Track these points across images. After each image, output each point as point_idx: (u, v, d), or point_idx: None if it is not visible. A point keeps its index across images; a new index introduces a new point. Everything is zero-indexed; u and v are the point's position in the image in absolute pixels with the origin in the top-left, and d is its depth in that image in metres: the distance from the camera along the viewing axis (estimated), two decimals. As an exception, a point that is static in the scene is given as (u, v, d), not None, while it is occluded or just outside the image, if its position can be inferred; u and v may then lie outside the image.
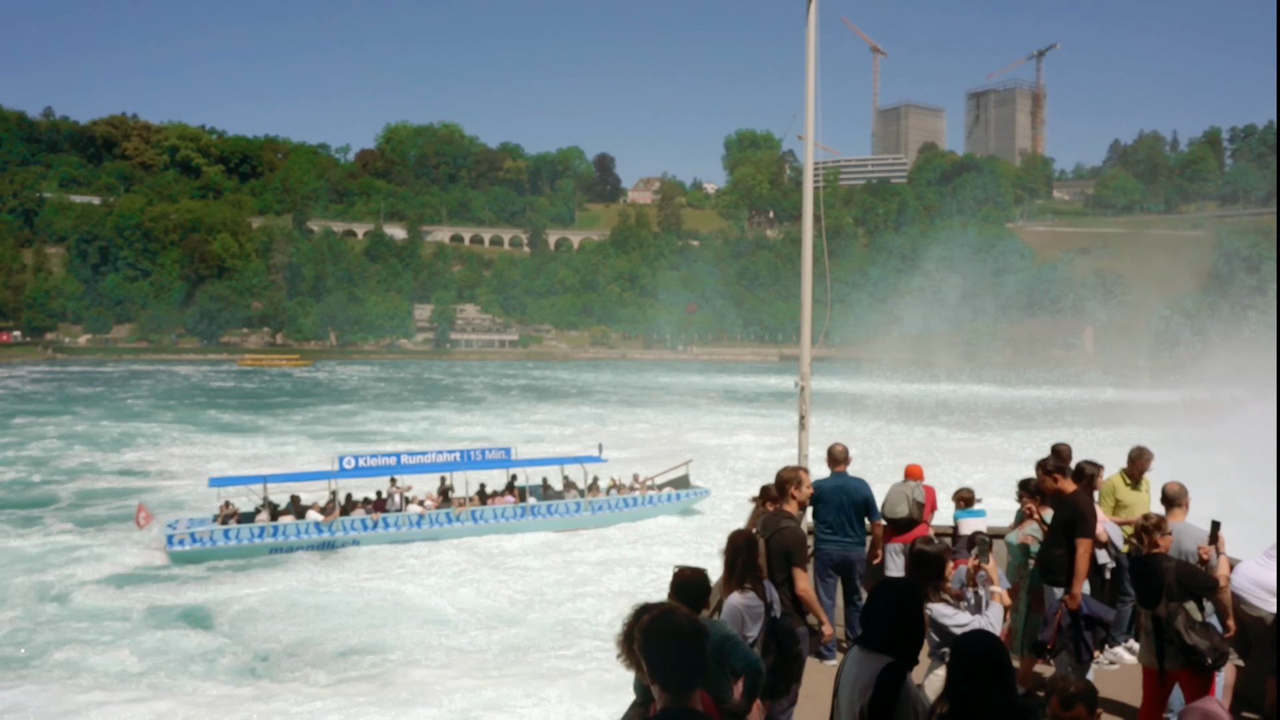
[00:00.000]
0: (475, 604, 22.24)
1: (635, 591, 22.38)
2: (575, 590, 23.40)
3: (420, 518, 28.17)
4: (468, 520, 28.59)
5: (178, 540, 25.74)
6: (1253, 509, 17.82)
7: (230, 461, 44.23)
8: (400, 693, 16.47)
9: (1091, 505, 8.28)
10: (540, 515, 29.72)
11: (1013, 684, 3.69)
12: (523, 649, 19.03)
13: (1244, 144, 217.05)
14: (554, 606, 21.95)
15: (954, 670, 3.71)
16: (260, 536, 26.50)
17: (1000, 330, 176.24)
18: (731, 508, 30.81)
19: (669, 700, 3.08)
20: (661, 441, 52.68)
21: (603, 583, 24.07)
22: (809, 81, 10.76)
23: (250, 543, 26.36)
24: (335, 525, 27.24)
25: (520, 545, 27.96)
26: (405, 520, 27.99)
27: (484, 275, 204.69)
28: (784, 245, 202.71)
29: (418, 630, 20.04)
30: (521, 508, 29.65)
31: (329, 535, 27.03)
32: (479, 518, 28.87)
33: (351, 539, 27.20)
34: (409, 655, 18.60)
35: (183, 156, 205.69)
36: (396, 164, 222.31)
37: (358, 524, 27.54)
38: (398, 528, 27.79)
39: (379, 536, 27.42)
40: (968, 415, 69.46)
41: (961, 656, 3.70)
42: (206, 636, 19.65)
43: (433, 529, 28.13)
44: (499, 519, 29.13)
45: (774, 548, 6.76)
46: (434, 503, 29.30)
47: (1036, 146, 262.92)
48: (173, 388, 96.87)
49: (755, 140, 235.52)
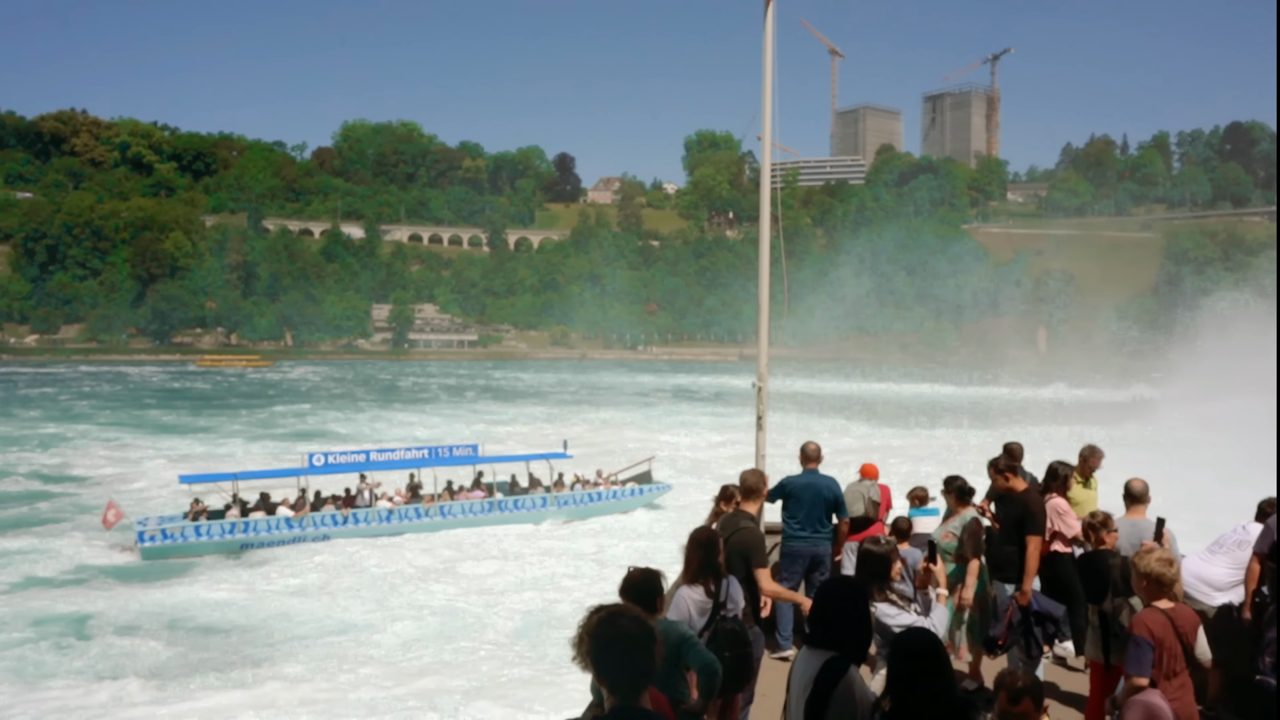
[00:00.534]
0: (430, 602, 22.12)
1: (592, 587, 22.60)
2: (538, 587, 23.47)
3: (390, 513, 28.58)
4: (436, 515, 29.05)
5: (149, 537, 25.78)
6: (1194, 504, 18.23)
7: (169, 461, 43.63)
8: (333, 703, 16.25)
9: (1042, 503, 8.42)
10: (508, 510, 30.27)
11: (952, 682, 3.75)
12: (487, 648, 18.95)
13: (1190, 148, 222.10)
14: (516, 603, 21.93)
15: (892, 668, 3.77)
16: (232, 532, 26.71)
17: (956, 330, 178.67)
18: (689, 504, 31.42)
19: (617, 702, 3.12)
20: (620, 440, 52.79)
21: (565, 579, 24.28)
22: (766, 83, 10.81)
23: (223, 538, 26.55)
24: (306, 521, 27.54)
25: (489, 539, 28.26)
26: (375, 515, 28.39)
27: (443, 275, 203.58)
28: (744, 245, 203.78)
29: (375, 632, 19.87)
30: (489, 503, 30.20)
31: (300, 530, 27.30)
32: (447, 513, 29.35)
33: (322, 534, 27.48)
34: (355, 656, 18.44)
35: (134, 153, 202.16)
36: (354, 162, 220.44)
37: (328, 519, 27.84)
38: (368, 523, 28.20)
39: (349, 531, 27.76)
40: (923, 414, 70.33)
41: (900, 655, 3.76)
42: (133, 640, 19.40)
43: (402, 524, 28.51)
44: (467, 514, 29.62)
45: (732, 548, 6.80)
46: (403, 498, 29.64)
47: (991, 149, 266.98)
48: (118, 389, 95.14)
49: (715, 141, 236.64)
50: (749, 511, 7.51)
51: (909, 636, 3.94)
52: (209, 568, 25.29)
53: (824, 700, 3.91)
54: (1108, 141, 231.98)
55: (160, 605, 21.70)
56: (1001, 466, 8.59)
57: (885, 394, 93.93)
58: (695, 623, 5.61)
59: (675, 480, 36.35)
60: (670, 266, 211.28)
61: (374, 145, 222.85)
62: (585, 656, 3.21)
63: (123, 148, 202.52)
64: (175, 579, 23.96)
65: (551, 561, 25.92)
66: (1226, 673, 7.50)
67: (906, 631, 4.27)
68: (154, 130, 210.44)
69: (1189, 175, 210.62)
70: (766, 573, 7.04)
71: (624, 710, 3.11)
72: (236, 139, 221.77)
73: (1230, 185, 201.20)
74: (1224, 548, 7.79)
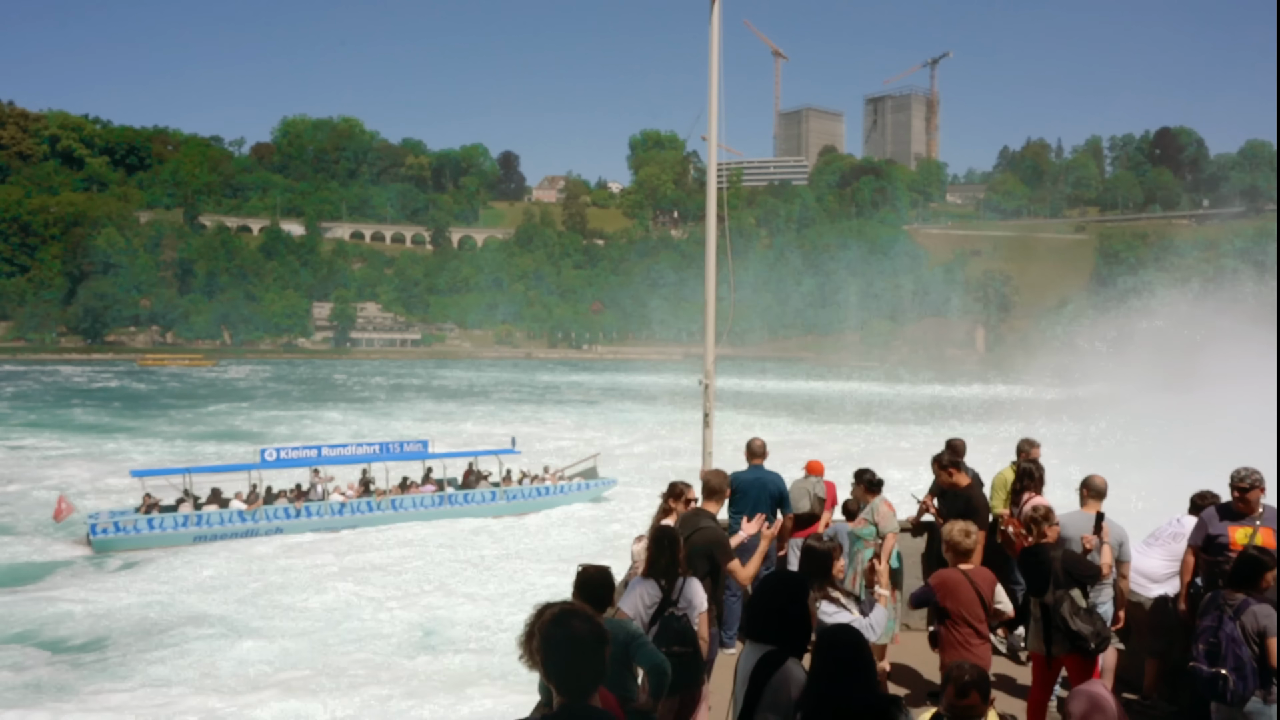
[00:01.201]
0: (372, 597, 21.82)
1: (543, 579, 22.59)
2: (483, 582, 23.33)
3: (342, 506, 29.19)
4: (388, 509, 29.70)
5: (100, 529, 26.08)
6: (1129, 498, 18.68)
7: (78, 462, 42.84)
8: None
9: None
10: (458, 504, 31.09)
11: (873, 679, 3.80)
12: (429, 645, 18.74)
13: (1122, 152, 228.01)
14: (461, 598, 21.75)
15: (814, 662, 3.82)
16: (185, 525, 27.13)
17: (896, 330, 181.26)
18: (633, 498, 32.45)
19: (566, 701, 3.09)
20: (563, 438, 52.72)
21: (516, 572, 24.33)
22: (712, 84, 10.82)
23: (175, 530, 26.94)
24: (259, 514, 27.82)
25: (437, 533, 28.51)
26: (327, 509, 29.00)
27: (385, 273, 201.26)
28: (688, 245, 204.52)
29: (313, 637, 19.52)
30: (440, 496, 30.99)
31: (253, 523, 27.73)
32: (399, 506, 29.99)
33: (275, 527, 27.93)
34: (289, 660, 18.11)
35: (64, 146, 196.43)
36: (294, 158, 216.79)
37: (281, 512, 28.26)
38: (320, 515, 28.75)
39: (302, 524, 28.26)
40: (864, 412, 71.20)
41: (822, 648, 3.81)
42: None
43: (354, 517, 29.09)
44: (418, 508, 30.32)
45: (694, 546, 6.75)
46: (355, 492, 30.24)
47: (931, 151, 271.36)
48: (38, 388, 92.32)
49: (660, 140, 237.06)
50: (710, 511, 7.50)
51: (832, 631, 4.01)
52: (75, 573, 24.37)
53: (758, 691, 3.97)
54: (1043, 145, 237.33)
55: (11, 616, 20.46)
56: (945, 462, 8.69)
57: (826, 392, 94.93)
58: (643, 614, 5.58)
59: (621, 477, 36.66)
60: (615, 265, 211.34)
61: (314, 141, 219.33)
62: (534, 655, 3.17)
63: (52, 141, 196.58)
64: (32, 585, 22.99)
65: (500, 555, 25.99)
66: (1162, 662, 7.68)
67: (832, 626, 4.32)
68: (85, 123, 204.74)
69: (1121, 179, 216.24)
70: (738, 563, 7.05)
71: (573, 710, 3.08)
72: (172, 133, 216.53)
73: (1159, 189, 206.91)
74: (1160, 540, 7.97)
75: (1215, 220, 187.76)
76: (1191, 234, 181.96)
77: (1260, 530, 6.74)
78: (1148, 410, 41.58)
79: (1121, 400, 61.05)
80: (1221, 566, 6.71)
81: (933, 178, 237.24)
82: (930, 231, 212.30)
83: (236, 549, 26.23)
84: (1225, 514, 7.03)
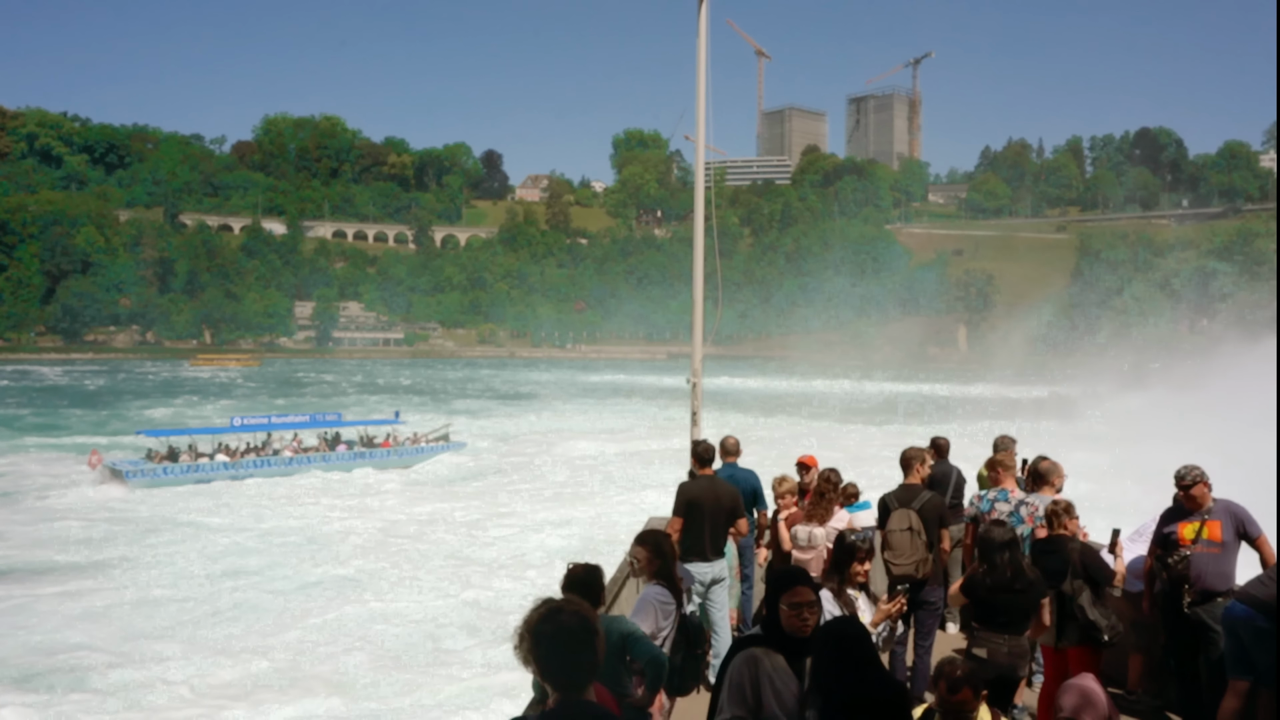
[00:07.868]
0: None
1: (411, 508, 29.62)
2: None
3: (290, 459, 39.83)
4: (319, 461, 40.39)
5: (133, 475, 35.17)
6: (1118, 497, 18.84)
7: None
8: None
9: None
10: (362, 458, 41.94)
11: (881, 669, 3.86)
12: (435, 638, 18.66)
13: (1103, 152, 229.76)
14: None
15: (817, 656, 3.87)
16: (188, 472, 36.91)
17: (879, 329, 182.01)
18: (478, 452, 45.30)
19: (561, 697, 3.10)
20: (535, 439, 52.65)
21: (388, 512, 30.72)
22: (700, 84, 10.82)
23: (181, 475, 36.39)
24: (238, 465, 38.26)
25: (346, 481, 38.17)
26: (280, 461, 39.57)
27: (368, 272, 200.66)
28: (672, 244, 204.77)
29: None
30: (352, 453, 41.99)
31: (235, 472, 37.62)
32: (327, 459, 40.77)
33: (248, 474, 37.84)
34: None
35: (42, 144, 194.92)
36: (275, 157, 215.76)
37: (250, 463, 38.65)
38: (273, 465, 39.13)
39: (264, 471, 38.38)
40: (847, 410, 71.33)
41: (825, 642, 3.85)
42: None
43: (293, 466, 39.35)
44: (338, 460, 41.25)
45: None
46: (294, 449, 41.12)
47: (913, 151, 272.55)
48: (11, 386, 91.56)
49: (643, 140, 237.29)
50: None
51: (835, 624, 4.02)
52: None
53: (722, 672, 4.13)
54: (1024, 145, 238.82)
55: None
56: (928, 461, 8.72)
57: (809, 391, 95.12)
58: (662, 620, 5.58)
59: (613, 482, 37.19)
60: (598, 265, 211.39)
61: (296, 140, 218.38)
62: (527, 652, 3.17)
63: (30, 138, 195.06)
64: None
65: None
66: (1146, 657, 7.77)
67: (833, 620, 4.32)
68: (64, 121, 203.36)
69: (1101, 178, 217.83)
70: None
71: (568, 705, 3.08)
72: (152, 131, 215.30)
73: (1139, 189, 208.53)
74: (1143, 537, 8.06)
75: (1194, 220, 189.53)
76: (1171, 234, 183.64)
77: (1207, 524, 6.88)
78: (1127, 407, 41.99)
79: (1101, 398, 61.54)
80: (1168, 561, 6.97)
81: (915, 177, 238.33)
82: (912, 231, 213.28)
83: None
84: (1176, 513, 7.19)
